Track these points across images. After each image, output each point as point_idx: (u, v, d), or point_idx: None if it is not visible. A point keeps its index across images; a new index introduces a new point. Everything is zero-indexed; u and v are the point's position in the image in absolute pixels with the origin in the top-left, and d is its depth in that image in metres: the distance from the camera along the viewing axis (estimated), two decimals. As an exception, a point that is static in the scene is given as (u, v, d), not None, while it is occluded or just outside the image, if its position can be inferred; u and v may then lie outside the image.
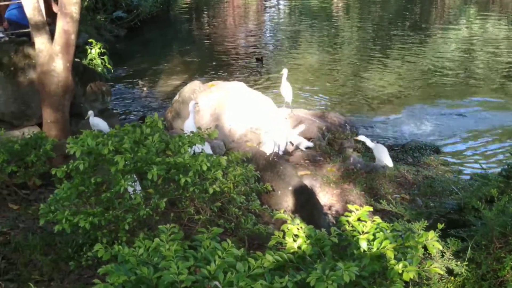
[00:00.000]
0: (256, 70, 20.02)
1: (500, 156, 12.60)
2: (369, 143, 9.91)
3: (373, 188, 9.63)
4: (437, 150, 12.79)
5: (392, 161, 10.89)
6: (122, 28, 24.76)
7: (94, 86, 12.20)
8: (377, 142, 11.02)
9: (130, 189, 5.66)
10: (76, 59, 11.55)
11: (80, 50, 13.96)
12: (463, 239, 5.09)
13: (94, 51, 14.59)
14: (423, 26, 28.49)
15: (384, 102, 16.59)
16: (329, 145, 11.38)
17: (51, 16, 11.32)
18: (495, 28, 27.40)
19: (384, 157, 9.79)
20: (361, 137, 10.06)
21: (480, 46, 23.59)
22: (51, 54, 9.65)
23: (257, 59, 19.88)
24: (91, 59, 14.53)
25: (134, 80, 18.83)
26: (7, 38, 11.54)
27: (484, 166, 10.17)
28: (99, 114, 10.65)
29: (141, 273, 3.68)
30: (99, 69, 14.35)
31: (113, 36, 23.34)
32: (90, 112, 10.26)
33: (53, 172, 5.54)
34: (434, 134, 14.10)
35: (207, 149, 7.78)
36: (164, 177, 5.50)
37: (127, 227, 5.31)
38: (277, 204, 8.27)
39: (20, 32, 11.88)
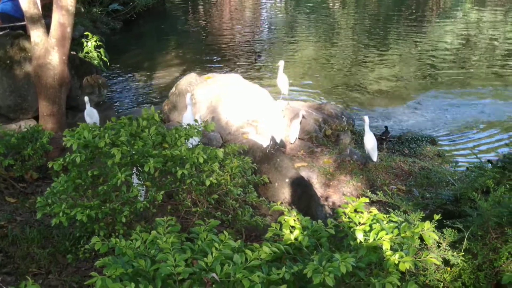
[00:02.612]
0: (252, 62, 19.99)
1: (496, 147, 12.64)
2: (366, 126, 9.82)
3: (369, 179, 9.65)
4: (433, 141, 12.83)
5: (389, 152, 10.91)
6: (118, 21, 24.70)
7: (90, 79, 12.18)
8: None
9: (135, 181, 5.67)
10: (72, 52, 11.54)
11: (76, 43, 13.95)
12: (459, 230, 5.10)
13: (90, 44, 14.57)
14: (419, 18, 28.49)
15: (381, 93, 16.61)
16: (325, 137, 11.38)
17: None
18: (491, 19, 27.41)
19: (369, 147, 9.73)
20: (365, 118, 9.99)
21: (477, 38, 23.62)
22: (47, 47, 9.64)
23: (255, 53, 19.84)
24: (87, 52, 14.52)
25: (131, 73, 18.80)
26: (1, 32, 11.49)
27: (480, 157, 10.19)
28: (96, 107, 10.61)
29: (138, 266, 3.69)
30: (95, 62, 14.34)
31: (109, 28, 23.30)
32: (87, 99, 10.17)
33: (49, 165, 5.53)
34: (430, 125, 14.14)
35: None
36: (161, 169, 5.50)
37: (124, 219, 5.31)
38: (274, 196, 8.29)
39: (15, 25, 11.86)
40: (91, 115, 9.89)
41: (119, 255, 3.86)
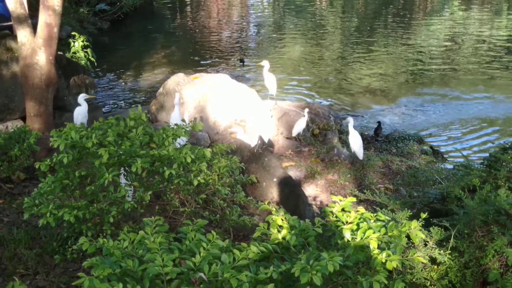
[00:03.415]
0: (238, 61, 19.98)
1: (483, 146, 12.72)
2: (350, 126, 9.90)
3: (357, 178, 9.68)
4: (420, 140, 12.90)
5: (376, 151, 10.96)
6: (105, 21, 24.60)
7: (77, 79, 12.14)
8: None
9: (123, 181, 5.66)
10: (59, 52, 11.49)
11: (63, 43, 13.88)
12: (446, 228, 5.13)
13: (77, 44, 14.52)
14: (406, 18, 28.60)
15: (368, 93, 16.68)
16: (313, 136, 11.40)
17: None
18: (478, 18, 27.55)
19: (355, 146, 9.79)
20: (349, 118, 10.07)
21: (463, 37, 23.75)
22: (33, 47, 9.59)
23: (240, 60, 19.79)
24: (74, 52, 14.45)
25: (118, 73, 18.76)
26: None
27: (466, 155, 10.26)
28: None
29: (126, 266, 3.69)
30: (83, 62, 14.29)
31: (96, 28, 23.19)
32: (82, 95, 10.12)
33: (37, 166, 5.51)
34: (417, 125, 14.21)
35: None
36: (148, 169, 5.49)
37: (111, 220, 5.30)
38: (262, 195, 8.30)
39: (1, 25, 11.80)
40: (83, 114, 9.83)
41: (106, 256, 3.86)
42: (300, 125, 10.72)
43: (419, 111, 15.24)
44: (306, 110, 11.01)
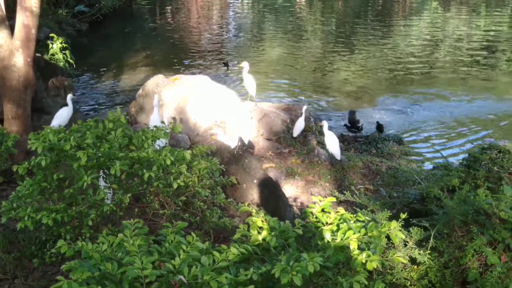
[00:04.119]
0: (220, 63, 19.97)
1: (462, 146, 12.82)
2: (325, 128, 9.97)
3: (337, 179, 9.71)
4: (400, 141, 12.96)
5: (356, 152, 11.00)
6: (84, 23, 24.49)
7: (55, 81, 12.06)
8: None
9: (102, 183, 5.62)
10: (37, 54, 11.40)
11: (41, 44, 13.80)
12: (425, 228, 5.16)
13: (55, 45, 14.44)
14: (386, 19, 28.77)
15: (348, 94, 16.74)
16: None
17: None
18: (456, 20, 27.79)
19: (332, 147, 9.84)
20: (323, 122, 10.15)
21: (442, 38, 23.95)
22: (11, 49, 9.51)
23: (224, 64, 19.74)
24: (52, 54, 14.38)
25: (97, 75, 18.66)
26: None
27: (446, 156, 10.33)
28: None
29: (105, 269, 3.66)
30: (61, 64, 14.22)
31: (75, 30, 23.07)
32: (71, 95, 10.06)
33: (14, 169, 5.46)
34: (397, 125, 14.28)
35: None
36: (127, 172, 5.46)
37: (90, 223, 5.26)
38: (242, 197, 8.28)
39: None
40: (68, 115, 9.74)
41: (85, 259, 3.82)
42: (300, 125, 10.92)
43: (399, 111, 15.32)
44: (304, 107, 11.19)
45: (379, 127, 13.38)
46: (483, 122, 14.56)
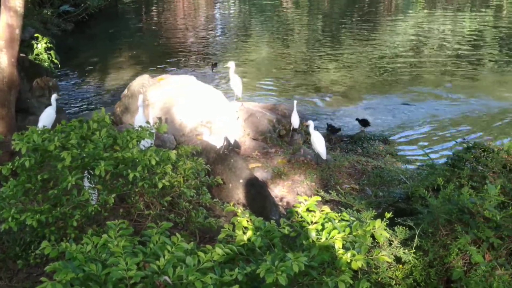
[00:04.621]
0: (206, 64, 19.94)
1: (447, 145, 12.88)
2: (311, 128, 10.00)
3: (323, 178, 9.72)
4: (385, 141, 13.00)
5: (342, 151, 11.02)
6: (69, 22, 24.35)
7: (40, 81, 11.99)
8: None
9: (86, 184, 5.59)
10: (21, 54, 11.34)
11: (25, 45, 13.70)
12: (410, 227, 5.18)
13: (40, 46, 14.34)
14: (372, 18, 28.86)
15: (335, 93, 16.78)
16: (279, 137, 11.42)
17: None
18: (442, 19, 27.93)
19: (319, 146, 9.87)
20: (309, 122, 10.17)
21: (427, 38, 24.05)
22: (-5, 49, 9.46)
23: (213, 65, 19.67)
24: (37, 54, 14.27)
25: (83, 75, 18.58)
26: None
27: (431, 155, 10.37)
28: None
29: (90, 270, 3.64)
30: (46, 64, 14.12)
31: (60, 30, 22.93)
32: (55, 96, 10.00)
33: (-2, 170, 5.43)
34: (383, 125, 14.32)
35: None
36: (112, 172, 5.44)
37: (75, 223, 5.23)
38: (228, 197, 8.27)
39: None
40: (53, 115, 9.68)
41: (69, 260, 3.80)
42: (296, 117, 11.18)
43: (385, 111, 15.36)
44: (295, 102, 11.33)
45: (363, 122, 13.37)
46: (468, 121, 14.64)
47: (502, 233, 4.86)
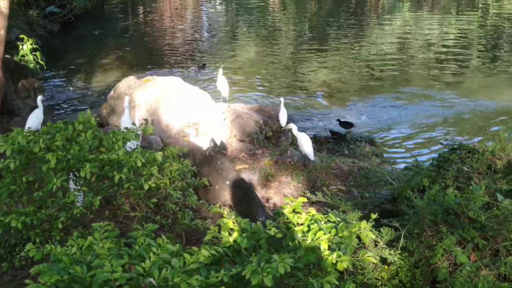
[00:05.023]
0: (193, 65, 19.92)
1: (433, 147, 12.94)
2: (295, 131, 10.01)
3: (310, 180, 9.72)
4: (372, 142, 13.04)
5: (329, 153, 11.04)
6: (55, 24, 24.25)
7: (26, 82, 11.92)
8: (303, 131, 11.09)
9: (72, 186, 5.57)
10: (7, 55, 11.27)
11: (11, 46, 13.64)
12: (396, 228, 5.20)
13: (26, 47, 14.29)
14: (358, 19, 28.96)
15: (322, 94, 16.82)
16: (266, 139, 11.42)
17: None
18: (428, 21, 28.07)
19: (306, 148, 9.88)
20: (291, 125, 10.18)
21: (414, 39, 24.16)
22: (-21, 51, 9.40)
23: (200, 65, 19.62)
24: (23, 55, 14.22)
25: (69, 76, 18.49)
26: None
27: (416, 156, 10.42)
28: (31, 111, 10.37)
29: (75, 272, 3.62)
30: (31, 65, 14.07)
31: (46, 31, 22.85)
32: (41, 97, 9.95)
33: (-18, 172, 5.39)
34: (369, 126, 14.37)
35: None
36: (97, 174, 5.42)
37: (60, 226, 5.21)
38: (215, 198, 8.26)
39: None
40: (40, 117, 9.62)
41: (54, 262, 3.78)
42: (284, 114, 11.35)
43: (371, 113, 15.41)
44: (282, 99, 11.46)
45: (345, 123, 13.40)
46: (454, 122, 14.72)
47: (487, 234, 4.89)
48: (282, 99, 11.36)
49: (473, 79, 18.69)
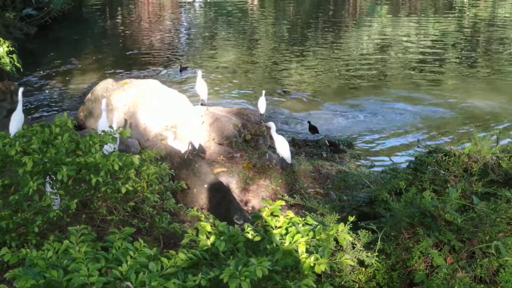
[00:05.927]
0: (171, 67, 19.86)
1: (410, 149, 13.01)
2: (273, 131, 10.01)
3: (288, 183, 9.75)
4: (350, 145, 13.10)
5: (307, 156, 11.07)
6: (32, 26, 24.09)
7: (1, 85, 11.82)
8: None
9: (48, 189, 5.52)
10: (-18, 58, 11.16)
11: (-14, 48, 13.49)
12: (373, 231, 5.21)
13: (2, 49, 14.11)
14: (337, 23, 29.12)
15: (301, 97, 16.86)
16: (245, 142, 11.42)
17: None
18: (405, 25, 28.28)
19: (283, 151, 9.89)
20: (270, 123, 10.17)
21: (392, 44, 24.34)
22: (-46, 53, 9.30)
23: (181, 68, 19.53)
24: (-1, 58, 14.05)
25: (46, 79, 18.36)
26: None
27: (394, 159, 10.48)
28: (8, 114, 10.28)
29: (51, 277, 3.59)
30: (8, 68, 13.89)
31: (23, 34, 22.67)
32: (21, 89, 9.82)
33: (-43, 176, 5.33)
34: (347, 129, 14.43)
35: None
36: (74, 177, 5.37)
37: (36, 229, 5.16)
38: (193, 202, 8.25)
39: None
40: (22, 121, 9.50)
41: (30, 266, 3.75)
42: (263, 103, 12.07)
43: (349, 116, 15.49)
44: (264, 92, 12.10)
45: (313, 128, 13.48)
46: (431, 125, 14.84)
47: (463, 236, 4.92)
48: (263, 91, 11.84)
49: (450, 81, 18.88)
